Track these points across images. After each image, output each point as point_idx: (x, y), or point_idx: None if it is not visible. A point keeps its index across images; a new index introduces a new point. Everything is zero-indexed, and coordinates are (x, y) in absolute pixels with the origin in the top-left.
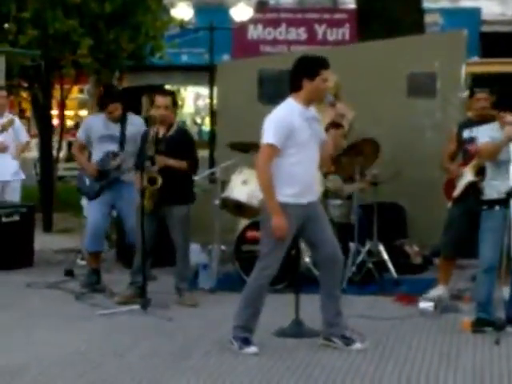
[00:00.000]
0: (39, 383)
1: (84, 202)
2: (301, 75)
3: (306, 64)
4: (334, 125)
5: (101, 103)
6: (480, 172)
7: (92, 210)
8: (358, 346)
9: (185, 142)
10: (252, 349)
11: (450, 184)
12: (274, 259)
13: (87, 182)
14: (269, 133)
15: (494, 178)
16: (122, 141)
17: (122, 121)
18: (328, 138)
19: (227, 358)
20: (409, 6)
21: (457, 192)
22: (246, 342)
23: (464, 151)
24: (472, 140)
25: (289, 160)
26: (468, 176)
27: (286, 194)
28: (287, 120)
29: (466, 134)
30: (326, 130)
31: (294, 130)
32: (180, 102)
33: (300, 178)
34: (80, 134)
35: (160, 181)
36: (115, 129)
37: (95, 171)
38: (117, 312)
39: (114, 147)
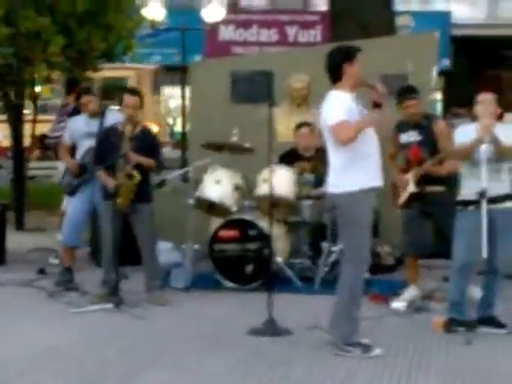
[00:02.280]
0: (19, 379)
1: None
2: (340, 62)
3: (343, 50)
4: (376, 105)
5: (74, 98)
6: (420, 181)
7: (72, 206)
8: (377, 351)
9: (150, 142)
10: (377, 351)
11: (394, 188)
12: (364, 247)
13: (68, 178)
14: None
15: (468, 178)
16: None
17: (101, 116)
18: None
19: (202, 355)
20: (380, 8)
21: (401, 200)
22: (366, 346)
23: (405, 158)
24: (410, 145)
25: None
26: (410, 186)
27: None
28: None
29: (403, 138)
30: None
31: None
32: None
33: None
34: (65, 137)
35: (138, 176)
36: (95, 125)
37: (76, 167)
38: (90, 310)
39: (93, 143)
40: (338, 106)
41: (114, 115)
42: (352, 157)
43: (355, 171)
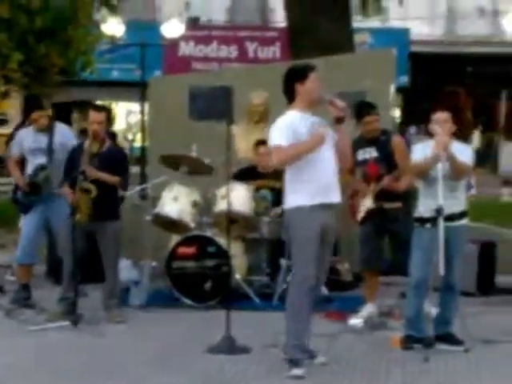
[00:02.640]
0: None
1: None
2: (292, 82)
3: (294, 70)
4: (339, 120)
5: (24, 113)
6: (378, 197)
7: (25, 223)
8: (321, 359)
9: (118, 159)
10: (297, 371)
11: (352, 204)
12: (309, 264)
13: (20, 195)
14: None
15: (425, 195)
16: (50, 152)
17: (50, 131)
18: (339, 134)
19: (160, 373)
20: (339, 25)
21: (359, 216)
22: (297, 363)
23: (363, 174)
24: (367, 161)
25: None
26: (367, 202)
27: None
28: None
29: (360, 155)
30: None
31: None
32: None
33: None
34: (13, 150)
35: (94, 190)
36: (43, 140)
37: (26, 185)
38: (47, 328)
39: (43, 159)
40: (278, 128)
41: (64, 131)
42: (302, 173)
43: (304, 187)
